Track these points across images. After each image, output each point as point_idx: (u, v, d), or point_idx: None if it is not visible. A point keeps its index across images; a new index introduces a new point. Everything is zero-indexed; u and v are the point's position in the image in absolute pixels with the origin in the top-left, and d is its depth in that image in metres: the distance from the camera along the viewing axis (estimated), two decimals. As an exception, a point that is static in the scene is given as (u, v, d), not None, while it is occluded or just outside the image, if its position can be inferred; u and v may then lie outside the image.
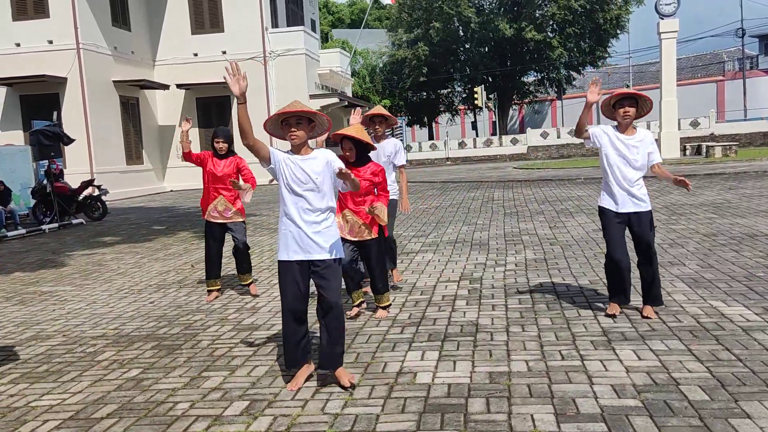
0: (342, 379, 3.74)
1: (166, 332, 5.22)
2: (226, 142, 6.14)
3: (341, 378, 3.75)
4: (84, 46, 20.39)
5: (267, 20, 24.16)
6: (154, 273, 7.89)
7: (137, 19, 23.56)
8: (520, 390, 3.56)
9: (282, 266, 3.75)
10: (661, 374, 3.67)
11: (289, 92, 24.00)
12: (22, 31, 20.48)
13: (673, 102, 23.80)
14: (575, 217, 10.39)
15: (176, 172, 24.69)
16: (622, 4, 37.95)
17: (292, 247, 3.70)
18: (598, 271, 6.40)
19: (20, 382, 4.24)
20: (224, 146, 6.14)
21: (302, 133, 3.71)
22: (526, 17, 37.80)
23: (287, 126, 3.72)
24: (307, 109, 3.72)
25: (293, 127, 3.70)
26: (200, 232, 11.45)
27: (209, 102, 24.49)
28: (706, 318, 4.66)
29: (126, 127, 22.56)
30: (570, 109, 49.47)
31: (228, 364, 4.32)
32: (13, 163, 15.47)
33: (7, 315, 6.18)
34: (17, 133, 20.36)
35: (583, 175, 18.85)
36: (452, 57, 40.88)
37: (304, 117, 3.73)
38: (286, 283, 3.72)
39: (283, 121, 3.74)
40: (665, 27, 23.50)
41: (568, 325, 4.71)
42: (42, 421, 3.55)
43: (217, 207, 6.18)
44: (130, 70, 22.69)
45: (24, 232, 12.98)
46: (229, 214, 6.19)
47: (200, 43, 24.17)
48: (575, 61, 40.53)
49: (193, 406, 3.64)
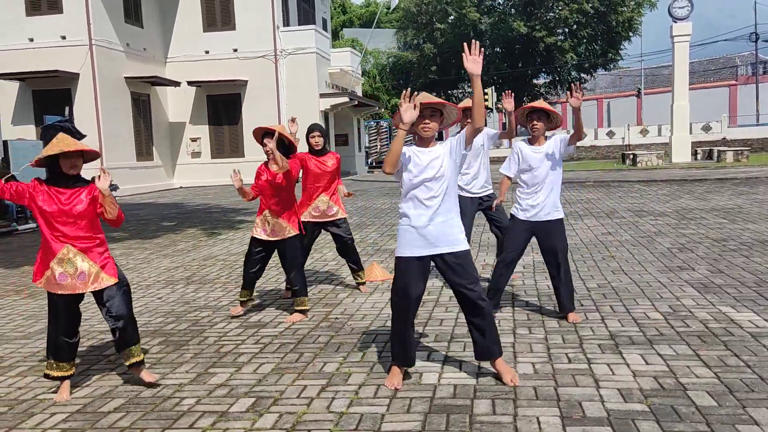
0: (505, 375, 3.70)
1: (174, 328, 5.24)
2: (322, 136, 5.99)
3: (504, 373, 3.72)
4: (96, 42, 20.50)
5: (279, 19, 24.20)
6: (163, 269, 7.92)
7: (149, 15, 23.66)
8: (526, 392, 3.55)
9: (404, 263, 3.68)
10: (668, 379, 3.65)
11: (300, 91, 24.05)
12: (36, 27, 20.61)
13: (685, 106, 23.68)
14: (584, 219, 10.35)
15: (186, 169, 24.78)
16: (634, 7, 37.74)
17: (416, 243, 3.65)
18: (607, 275, 6.37)
19: (28, 375, 4.27)
20: (320, 140, 5.95)
21: (435, 125, 3.65)
22: (537, 19, 37.67)
23: (420, 118, 3.60)
24: (439, 100, 3.65)
25: (427, 119, 3.62)
26: (209, 229, 11.49)
27: (220, 99, 24.56)
28: (715, 323, 4.63)
29: (137, 124, 22.66)
30: (580, 111, 49.26)
31: (234, 360, 4.34)
32: (26, 158, 15.57)
33: (17, 308, 6.22)
34: (29, 127, 20.49)
35: (593, 178, 18.78)
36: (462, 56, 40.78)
37: (437, 109, 3.66)
38: (409, 278, 3.66)
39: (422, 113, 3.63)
40: (678, 30, 23.38)
41: (576, 328, 4.70)
42: (49, 414, 3.58)
43: (319, 206, 6.02)
44: (141, 67, 22.79)
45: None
46: (333, 211, 6.06)
47: (212, 41, 24.24)
48: (586, 63, 40.37)
49: (199, 401, 3.65)
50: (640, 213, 10.82)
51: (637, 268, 6.63)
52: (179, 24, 24.44)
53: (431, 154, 3.65)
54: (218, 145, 24.72)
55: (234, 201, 16.83)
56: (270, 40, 24.01)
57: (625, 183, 17.03)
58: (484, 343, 3.73)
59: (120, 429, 3.34)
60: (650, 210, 11.15)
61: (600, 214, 10.87)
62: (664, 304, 5.20)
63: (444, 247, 3.66)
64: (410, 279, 3.67)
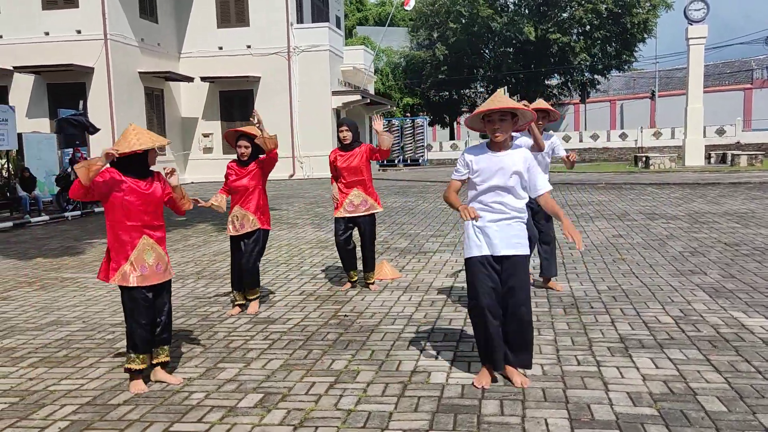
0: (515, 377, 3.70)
1: (184, 322, 5.26)
2: (350, 131, 5.99)
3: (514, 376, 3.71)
4: (111, 36, 20.62)
5: (292, 16, 24.24)
6: (173, 264, 7.95)
7: (164, 11, 23.77)
8: (535, 393, 3.54)
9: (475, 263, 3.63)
10: (678, 384, 3.62)
11: (312, 88, 24.08)
12: (51, 21, 20.76)
13: (699, 109, 23.49)
14: (595, 221, 10.30)
15: (198, 164, 24.90)
16: (649, 9, 37.47)
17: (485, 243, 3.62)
18: (617, 277, 6.34)
19: (39, 366, 4.30)
20: (349, 135, 5.96)
21: (506, 130, 3.58)
22: (551, 19, 37.51)
23: (490, 123, 3.56)
24: (513, 105, 3.57)
25: (496, 124, 3.55)
26: (220, 224, 11.54)
27: (232, 95, 24.64)
28: (726, 328, 4.60)
29: (150, 118, 22.78)
30: (593, 113, 49.03)
31: (243, 356, 4.35)
32: (39, 151, 15.70)
33: (29, 300, 6.28)
34: (43, 120, 20.65)
35: (605, 180, 18.68)
36: (475, 56, 40.71)
37: (508, 112, 3.58)
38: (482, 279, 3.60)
39: (485, 117, 3.59)
40: (694, 33, 23.19)
41: (585, 330, 4.68)
42: (60, 406, 3.61)
43: (353, 201, 6.04)
44: (155, 62, 22.90)
45: (47, 218, 13.18)
46: (367, 205, 6.06)
47: (225, 37, 24.31)
48: (600, 64, 40.16)
49: (208, 396, 3.67)
50: (652, 216, 10.76)
51: (648, 271, 6.59)
52: (193, 20, 24.54)
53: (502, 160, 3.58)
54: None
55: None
56: (283, 36, 24.06)
57: (637, 185, 16.92)
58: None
59: (129, 422, 3.36)
60: (662, 213, 11.08)
61: (611, 217, 10.81)
62: (675, 308, 5.16)
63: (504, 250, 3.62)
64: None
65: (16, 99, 20.45)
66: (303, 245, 8.95)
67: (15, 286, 6.94)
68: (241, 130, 5.33)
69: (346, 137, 5.99)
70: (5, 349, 4.69)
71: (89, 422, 3.37)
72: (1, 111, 14.08)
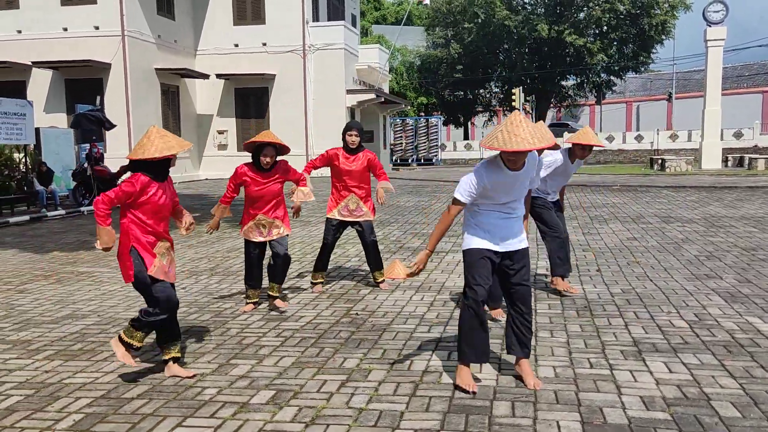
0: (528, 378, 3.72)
1: (197, 318, 5.30)
2: (359, 135, 5.99)
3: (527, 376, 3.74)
4: (129, 33, 20.77)
5: (308, 14, 24.29)
6: (187, 259, 8.01)
7: (181, 8, 23.91)
8: (547, 396, 3.53)
9: (479, 252, 3.67)
10: (692, 388, 3.60)
11: (327, 86, 24.12)
12: (70, 16, 20.95)
13: (717, 111, 23.27)
14: (609, 224, 10.24)
15: (212, 161, 25.04)
16: (668, 10, 37.13)
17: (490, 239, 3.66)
18: (631, 280, 6.30)
19: (55, 359, 4.35)
20: (357, 140, 5.97)
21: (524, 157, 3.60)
22: (567, 20, 37.29)
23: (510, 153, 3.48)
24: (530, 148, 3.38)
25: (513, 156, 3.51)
26: (233, 221, 11.58)
27: (247, 92, 24.75)
28: (741, 334, 4.55)
29: (165, 115, 22.93)
30: (609, 114, 48.72)
31: (256, 353, 4.37)
32: (57, 145, 15.86)
33: (45, 293, 6.35)
34: (61, 115, 20.84)
35: (620, 182, 18.56)
36: (490, 56, 40.57)
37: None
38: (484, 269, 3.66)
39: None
40: (712, 35, 22.97)
41: (598, 333, 4.65)
42: (74, 398, 3.64)
43: (349, 206, 6.06)
44: (172, 59, 23.04)
45: (63, 212, 13.31)
46: (362, 212, 6.09)
47: (241, 35, 24.41)
48: (616, 65, 39.86)
49: (220, 392, 3.69)
50: (668, 219, 10.67)
51: (663, 274, 6.54)
52: (210, 17, 24.67)
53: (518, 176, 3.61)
54: (245, 138, 24.84)
55: (258, 194, 16.94)
56: (299, 35, 24.11)
57: (652, 188, 16.80)
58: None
59: (142, 415, 3.39)
60: (678, 216, 10.99)
61: (626, 219, 10.74)
62: (689, 312, 5.12)
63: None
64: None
65: (34, 94, 20.67)
66: (316, 243, 8.97)
67: (31, 279, 7.02)
68: (267, 140, 5.16)
69: (355, 142, 5.98)
70: (21, 342, 4.74)
71: (103, 415, 3.41)
72: (20, 106, 14.23)
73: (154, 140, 3.82)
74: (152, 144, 3.80)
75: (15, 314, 5.55)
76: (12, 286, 6.66)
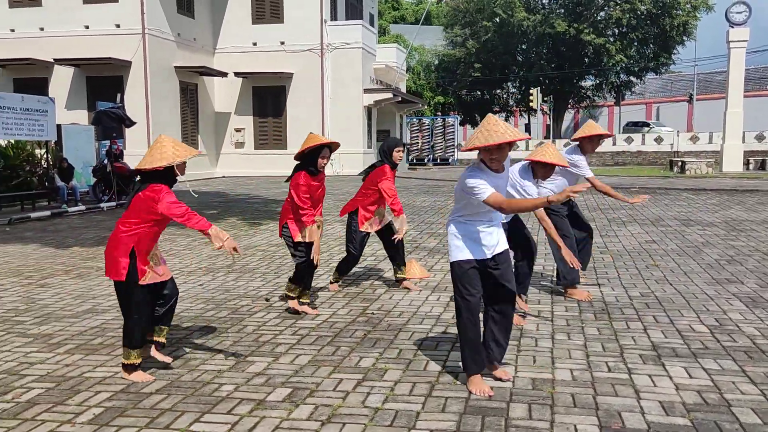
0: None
1: (214, 315, 5.33)
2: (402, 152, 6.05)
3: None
4: (149, 31, 20.97)
5: (326, 13, 24.35)
6: (204, 256, 8.07)
7: (201, 7, 24.09)
8: (564, 399, 3.51)
9: (467, 263, 3.71)
10: (712, 394, 3.55)
11: (344, 85, 24.17)
12: (92, 14, 21.20)
13: (739, 113, 22.98)
14: (628, 226, 10.15)
15: (229, 159, 25.19)
16: (690, 10, 36.71)
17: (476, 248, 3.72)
18: (650, 284, 6.24)
19: (75, 353, 4.40)
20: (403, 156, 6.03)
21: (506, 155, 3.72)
22: (586, 19, 37.01)
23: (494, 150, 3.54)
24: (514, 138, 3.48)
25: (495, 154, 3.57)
26: (250, 219, 11.66)
27: (265, 91, 24.87)
28: (763, 339, 4.49)
29: (184, 112, 23.12)
30: (628, 116, 48.24)
31: (272, 350, 4.39)
32: (78, 142, 16.04)
33: (66, 287, 6.42)
34: (82, 112, 21.10)
35: (638, 184, 18.39)
36: (507, 56, 40.38)
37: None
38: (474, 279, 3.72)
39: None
40: (735, 36, 22.69)
41: (616, 336, 4.61)
42: (94, 392, 3.69)
43: (377, 217, 6.06)
44: (191, 57, 23.22)
45: (83, 208, 13.47)
46: (390, 218, 6.14)
47: (260, 33, 24.54)
48: (636, 66, 39.48)
49: (237, 389, 3.71)
50: (687, 222, 10.56)
51: (683, 278, 6.47)
52: (229, 16, 24.83)
53: (502, 179, 3.72)
54: (262, 136, 25.05)
55: (275, 192, 17.03)
56: (317, 33, 24.18)
57: (672, 190, 16.62)
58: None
59: (161, 410, 3.42)
60: (698, 219, 10.87)
61: (645, 222, 10.64)
62: (710, 317, 5.06)
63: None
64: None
65: (56, 91, 20.94)
66: (332, 242, 8.99)
67: (52, 273, 7.11)
68: (328, 142, 5.10)
69: (403, 158, 6.04)
70: (42, 336, 4.81)
71: (123, 409, 3.44)
72: (42, 102, 14.41)
73: (167, 150, 3.80)
74: (164, 153, 3.78)
75: (36, 308, 5.62)
76: (33, 281, 6.75)
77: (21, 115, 13.58)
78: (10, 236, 9.97)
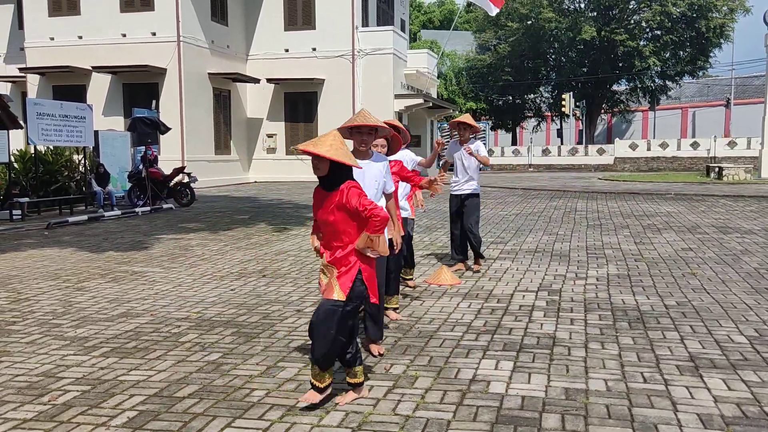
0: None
1: (246, 320, 5.38)
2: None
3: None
4: (184, 39, 21.34)
5: (358, 19, 24.48)
6: (236, 261, 8.15)
7: (234, 14, 24.44)
8: (598, 410, 3.44)
9: None
10: (752, 407, 3.45)
11: (375, 91, 24.24)
12: (128, 23, 21.68)
13: (778, 118, 22.39)
14: (663, 233, 9.95)
15: (261, 164, 25.45)
16: (726, 13, 35.97)
17: None
18: (687, 292, 6.10)
19: (110, 356, 4.48)
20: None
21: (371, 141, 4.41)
22: (617, 22, 36.50)
23: (359, 135, 3.97)
24: (372, 123, 3.92)
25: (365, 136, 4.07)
26: (280, 224, 11.74)
27: (297, 97, 25.09)
28: (806, 352, 4.35)
29: (217, 118, 23.45)
30: (663, 120, 47.43)
31: (303, 356, 4.40)
32: (114, 148, 16.40)
33: (101, 291, 6.55)
34: (118, 119, 21.56)
35: (674, 190, 18.03)
36: (539, 60, 40.06)
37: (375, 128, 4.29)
38: None
39: (353, 129, 3.80)
40: (774, 38, 22.13)
41: (652, 346, 4.51)
42: (128, 396, 3.74)
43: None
44: (224, 64, 23.56)
45: (119, 213, 13.73)
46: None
47: (292, 40, 24.79)
48: (671, 70, 38.79)
49: (268, 394, 3.73)
50: (725, 229, 10.31)
51: (721, 287, 6.32)
52: (261, 23, 25.14)
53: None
54: (293, 142, 25.25)
55: (306, 198, 17.14)
56: (348, 39, 24.32)
57: (709, 197, 16.26)
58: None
59: (193, 414, 3.45)
60: (736, 227, 10.60)
61: (681, 229, 10.42)
62: (749, 328, 4.92)
63: None
64: None
65: (94, 98, 21.45)
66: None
67: (88, 277, 7.26)
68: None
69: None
70: (79, 338, 4.90)
71: (156, 413, 3.48)
72: (80, 109, 14.76)
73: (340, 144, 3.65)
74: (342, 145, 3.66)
75: (73, 311, 5.74)
76: (71, 284, 6.89)
77: (60, 122, 13.94)
78: (48, 240, 10.22)
